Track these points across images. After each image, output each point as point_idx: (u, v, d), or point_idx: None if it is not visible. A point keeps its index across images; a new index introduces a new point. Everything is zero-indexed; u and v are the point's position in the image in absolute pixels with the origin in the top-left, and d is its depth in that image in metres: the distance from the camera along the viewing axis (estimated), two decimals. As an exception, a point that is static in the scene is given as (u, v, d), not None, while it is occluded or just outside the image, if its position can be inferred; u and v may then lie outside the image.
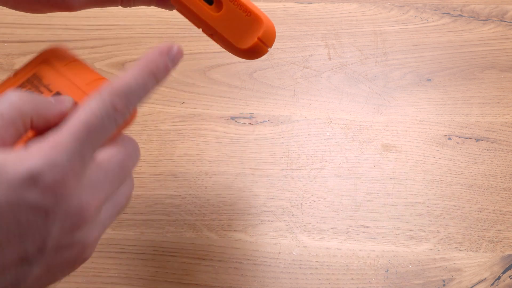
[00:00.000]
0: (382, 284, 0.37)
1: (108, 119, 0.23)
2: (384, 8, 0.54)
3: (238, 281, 0.37)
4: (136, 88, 0.25)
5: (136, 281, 0.38)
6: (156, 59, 0.26)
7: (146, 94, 0.25)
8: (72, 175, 0.22)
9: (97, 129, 0.23)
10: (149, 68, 0.25)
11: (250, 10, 0.29)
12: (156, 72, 0.26)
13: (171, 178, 0.43)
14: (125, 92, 0.24)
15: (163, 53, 0.26)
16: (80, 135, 0.22)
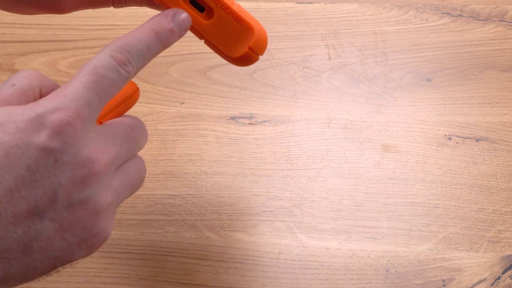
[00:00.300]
0: (382, 284, 0.37)
1: (112, 71, 0.24)
2: (384, 8, 0.54)
3: (238, 281, 0.37)
4: (137, 43, 0.25)
5: (136, 281, 0.38)
6: (160, 20, 0.26)
7: (150, 53, 0.26)
8: (79, 120, 0.22)
9: (103, 79, 0.23)
10: (151, 27, 0.26)
11: (241, 19, 0.29)
12: (159, 32, 0.26)
13: (171, 178, 0.43)
14: (126, 47, 0.25)
15: (168, 15, 0.27)
16: (87, 83, 0.23)
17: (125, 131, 0.25)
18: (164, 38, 0.26)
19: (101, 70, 0.23)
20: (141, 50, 0.25)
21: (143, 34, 0.25)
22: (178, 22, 0.27)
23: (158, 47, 0.26)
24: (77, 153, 0.22)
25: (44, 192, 0.21)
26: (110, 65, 0.24)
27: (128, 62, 0.24)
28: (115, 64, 0.24)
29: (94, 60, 0.24)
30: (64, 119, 0.21)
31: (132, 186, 0.26)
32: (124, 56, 0.24)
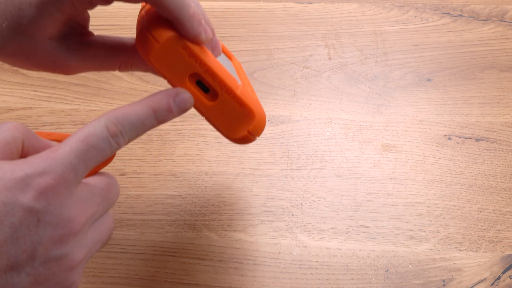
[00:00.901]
0: (382, 284, 0.37)
1: (103, 141, 0.25)
2: (384, 8, 0.54)
3: (238, 281, 0.37)
4: (134, 119, 0.26)
5: (136, 281, 0.38)
6: (160, 98, 0.27)
7: (144, 127, 0.26)
8: (64, 185, 0.23)
9: (93, 148, 0.24)
10: (150, 105, 0.27)
11: (244, 103, 0.29)
12: (157, 110, 0.27)
13: (171, 178, 0.43)
14: (121, 119, 0.25)
15: (169, 95, 0.27)
16: (77, 150, 0.24)
17: (102, 190, 0.26)
18: (160, 116, 0.27)
19: (93, 139, 0.24)
20: (135, 125, 0.26)
21: (141, 109, 0.26)
22: (179, 103, 0.28)
23: (153, 123, 0.27)
24: (59, 214, 0.23)
25: (25, 249, 0.22)
26: (102, 135, 0.25)
27: (120, 135, 0.25)
28: (108, 135, 0.25)
29: (88, 127, 0.25)
30: (50, 183, 0.22)
31: (102, 241, 0.27)
32: (118, 128, 0.25)
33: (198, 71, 0.28)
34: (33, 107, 0.47)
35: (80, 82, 0.50)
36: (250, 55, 0.51)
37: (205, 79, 0.28)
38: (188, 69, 0.28)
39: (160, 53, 0.27)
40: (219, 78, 0.28)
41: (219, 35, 0.52)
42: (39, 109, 0.47)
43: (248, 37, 0.52)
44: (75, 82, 0.50)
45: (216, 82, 0.29)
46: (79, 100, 0.48)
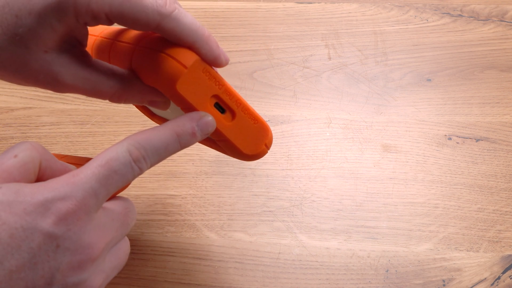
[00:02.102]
0: (382, 284, 0.37)
1: (125, 166, 0.24)
2: (384, 8, 0.54)
3: (238, 281, 0.37)
4: (157, 143, 0.25)
5: (136, 281, 0.38)
6: (184, 123, 0.27)
7: (167, 152, 0.26)
8: (85, 211, 0.23)
9: (115, 174, 0.24)
10: (174, 129, 0.26)
11: (258, 119, 0.30)
12: (181, 134, 0.26)
13: (171, 178, 0.43)
14: (144, 144, 0.25)
15: (193, 119, 0.27)
16: (98, 175, 0.23)
17: (121, 215, 0.26)
18: (184, 140, 0.27)
19: (115, 164, 0.24)
20: (159, 149, 0.26)
21: (165, 133, 0.26)
22: (202, 126, 0.27)
23: (176, 148, 0.26)
24: (78, 240, 0.22)
25: (42, 275, 0.22)
26: (125, 160, 0.24)
27: (143, 159, 0.25)
28: (130, 160, 0.24)
29: (110, 151, 0.24)
30: (71, 208, 0.22)
31: (119, 267, 0.26)
32: (141, 153, 0.25)
33: (217, 93, 0.28)
34: (33, 107, 0.47)
35: (80, 82, 0.50)
36: (250, 55, 0.51)
37: (223, 99, 0.28)
38: (209, 92, 0.27)
39: (187, 78, 0.26)
40: (236, 97, 0.28)
41: (219, 35, 0.52)
42: (39, 109, 0.47)
43: (248, 37, 0.52)
44: (75, 82, 0.50)
45: (233, 101, 0.28)
46: (79, 100, 0.48)
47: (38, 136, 0.45)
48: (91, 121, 0.46)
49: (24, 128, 0.46)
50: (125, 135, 0.45)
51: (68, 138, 0.45)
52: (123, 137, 0.45)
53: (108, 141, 0.45)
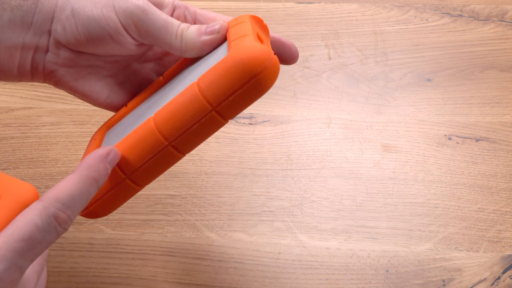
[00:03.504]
0: (382, 284, 0.37)
1: (49, 232, 0.23)
2: (384, 8, 0.54)
3: (238, 281, 0.37)
4: (80, 197, 0.24)
5: (136, 281, 0.38)
6: (97, 165, 0.26)
7: (88, 200, 0.25)
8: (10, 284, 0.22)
9: (39, 244, 0.23)
10: (90, 175, 0.25)
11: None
12: (99, 179, 0.26)
13: (171, 178, 0.43)
14: (69, 203, 0.24)
15: (103, 158, 0.26)
16: (21, 250, 0.22)
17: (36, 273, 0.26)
18: (101, 181, 0.26)
19: (39, 235, 0.23)
20: (84, 202, 0.25)
21: (85, 184, 0.25)
22: (112, 161, 0.27)
23: (95, 191, 0.26)
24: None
25: None
26: (50, 227, 0.23)
27: (69, 220, 0.24)
28: (55, 224, 0.23)
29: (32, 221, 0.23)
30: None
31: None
32: (67, 214, 0.24)
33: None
34: (33, 107, 0.47)
35: (80, 82, 0.50)
36: (250, 55, 0.51)
37: None
38: None
39: None
40: None
41: (219, 35, 0.52)
42: (39, 109, 0.47)
43: (248, 37, 0.52)
44: (75, 82, 0.50)
45: None
46: (79, 100, 0.48)
47: (38, 136, 0.45)
48: (91, 121, 0.46)
49: (24, 128, 0.46)
50: (125, 135, 0.45)
51: (68, 138, 0.45)
52: (123, 137, 0.45)
53: (108, 141, 0.45)
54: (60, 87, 0.31)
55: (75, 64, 0.31)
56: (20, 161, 0.44)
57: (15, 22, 0.28)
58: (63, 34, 0.29)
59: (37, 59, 0.30)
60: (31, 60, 0.30)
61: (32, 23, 0.29)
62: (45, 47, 0.30)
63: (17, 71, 0.30)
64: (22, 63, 0.30)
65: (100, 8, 0.28)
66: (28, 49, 0.29)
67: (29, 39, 0.29)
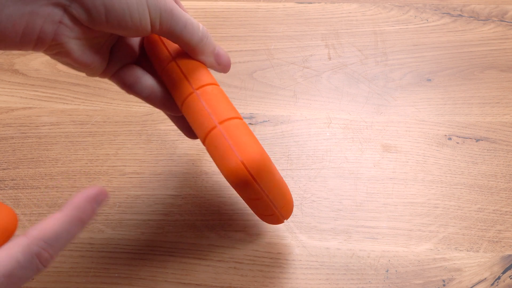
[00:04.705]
0: (382, 284, 0.37)
1: (30, 269, 0.23)
2: (384, 8, 0.54)
3: (238, 281, 0.37)
4: (65, 236, 0.25)
5: (136, 281, 0.38)
6: (84, 206, 0.26)
7: (72, 239, 0.26)
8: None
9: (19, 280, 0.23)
10: (77, 215, 0.26)
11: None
12: (85, 220, 0.26)
13: (171, 178, 0.43)
14: (52, 242, 0.24)
15: (92, 200, 0.27)
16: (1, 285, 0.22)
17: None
18: (87, 221, 0.26)
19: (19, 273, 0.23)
20: (68, 241, 0.25)
21: (71, 225, 0.25)
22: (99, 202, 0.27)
23: (81, 230, 0.26)
24: None
25: None
26: (31, 265, 0.23)
27: (50, 258, 0.24)
28: (37, 262, 0.23)
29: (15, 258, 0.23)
30: None
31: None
32: (49, 253, 0.24)
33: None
34: (33, 107, 0.47)
35: (80, 82, 0.50)
36: (250, 55, 0.51)
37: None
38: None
39: None
40: None
41: (219, 35, 0.52)
42: (39, 109, 0.47)
43: (248, 37, 0.52)
44: (75, 82, 0.50)
45: None
46: (79, 100, 0.48)
47: (38, 136, 0.45)
48: (91, 121, 0.46)
49: (24, 128, 0.46)
50: (125, 135, 0.45)
51: (68, 138, 0.45)
52: (122, 137, 0.45)
53: (108, 141, 0.45)
54: (61, 56, 0.31)
55: (85, 37, 0.30)
56: (20, 161, 0.44)
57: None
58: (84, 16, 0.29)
59: (46, 29, 0.28)
60: (39, 29, 0.28)
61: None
62: (58, 19, 0.29)
63: (20, 40, 0.28)
64: (28, 32, 0.28)
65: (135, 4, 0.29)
66: (37, 19, 0.28)
67: (39, 8, 0.28)
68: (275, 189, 0.31)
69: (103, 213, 0.41)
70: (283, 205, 0.33)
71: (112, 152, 0.44)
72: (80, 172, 0.43)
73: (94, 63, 0.32)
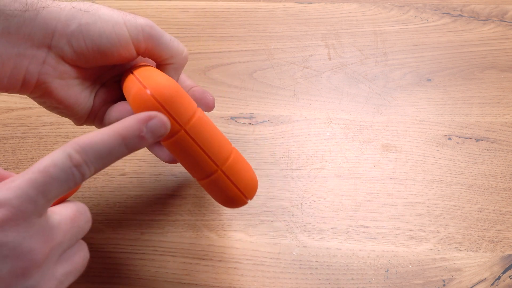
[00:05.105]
0: (382, 284, 0.37)
1: (64, 172, 0.23)
2: (384, 8, 0.54)
3: (238, 281, 0.37)
4: (100, 147, 0.24)
5: (136, 281, 0.38)
6: (130, 125, 0.25)
7: (111, 157, 0.25)
8: (21, 217, 0.22)
9: (52, 180, 0.23)
10: (120, 132, 0.25)
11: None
12: (127, 138, 0.25)
13: (171, 178, 0.43)
14: (86, 148, 0.24)
15: (141, 120, 0.26)
16: (35, 181, 0.22)
17: (68, 217, 0.25)
18: (131, 144, 0.25)
19: (53, 170, 0.23)
20: (102, 153, 0.24)
21: (109, 137, 0.24)
22: (152, 128, 0.26)
23: (123, 152, 0.25)
24: (18, 247, 0.22)
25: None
26: (64, 165, 0.23)
27: (84, 164, 0.24)
28: (71, 165, 0.23)
29: (51, 156, 0.23)
30: (6, 215, 0.21)
31: (75, 272, 0.26)
32: (82, 158, 0.23)
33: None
34: (33, 107, 0.47)
35: (80, 82, 0.50)
36: (250, 55, 0.51)
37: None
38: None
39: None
40: None
41: (219, 35, 0.52)
42: (39, 109, 0.47)
43: (248, 37, 0.52)
44: (75, 82, 0.50)
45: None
46: (79, 100, 0.48)
47: (38, 136, 0.45)
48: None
49: (24, 128, 0.46)
50: (125, 135, 0.45)
51: (68, 138, 0.45)
52: (123, 137, 0.45)
53: (108, 141, 0.45)
54: (46, 98, 0.31)
55: (69, 76, 0.31)
56: (20, 161, 0.44)
57: (9, 31, 0.28)
58: (67, 48, 0.30)
59: (31, 70, 0.30)
60: (25, 70, 0.29)
61: (30, 35, 0.29)
62: (42, 59, 0.30)
63: (7, 80, 0.29)
64: (15, 73, 0.29)
65: (111, 25, 0.30)
66: (23, 60, 0.29)
67: (24, 50, 0.29)
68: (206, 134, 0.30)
69: (103, 213, 0.41)
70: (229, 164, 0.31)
71: (112, 152, 0.44)
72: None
73: (77, 104, 0.32)
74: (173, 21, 0.53)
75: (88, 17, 0.29)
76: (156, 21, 0.53)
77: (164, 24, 0.53)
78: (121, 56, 0.31)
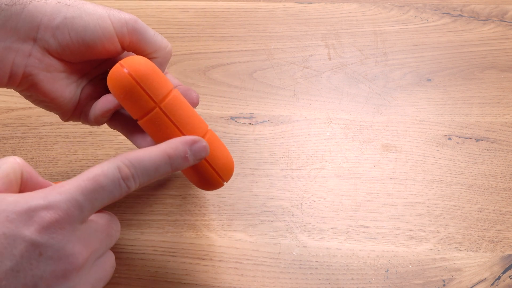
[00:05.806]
0: (382, 284, 0.37)
1: (113, 183, 0.24)
2: (384, 8, 0.54)
3: (238, 281, 0.37)
4: (148, 164, 0.26)
5: (136, 281, 0.38)
6: (177, 145, 0.27)
7: (157, 173, 0.26)
8: (68, 221, 0.23)
9: (101, 189, 0.24)
10: (167, 151, 0.27)
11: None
12: (173, 157, 0.27)
13: (171, 178, 0.43)
14: (135, 163, 0.25)
15: (186, 142, 0.28)
16: (84, 188, 0.24)
17: (104, 227, 0.26)
18: (176, 164, 0.27)
19: (102, 179, 0.24)
20: (149, 170, 0.26)
21: (157, 155, 0.26)
22: (195, 151, 0.28)
23: (167, 170, 0.27)
24: (62, 249, 0.22)
25: (25, 283, 0.22)
26: (113, 176, 0.24)
27: (132, 178, 0.25)
28: (119, 177, 0.25)
29: (101, 166, 0.25)
30: (54, 218, 0.22)
31: (105, 279, 0.27)
32: (130, 171, 0.25)
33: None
34: (33, 107, 0.47)
35: (80, 82, 0.50)
36: (250, 55, 0.51)
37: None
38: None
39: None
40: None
41: (219, 35, 0.52)
42: (39, 109, 0.47)
43: (248, 37, 0.52)
44: (75, 82, 0.50)
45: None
46: (79, 100, 0.48)
47: (38, 136, 0.45)
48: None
49: (24, 128, 0.46)
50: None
51: (68, 138, 0.45)
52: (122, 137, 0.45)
53: (108, 141, 0.45)
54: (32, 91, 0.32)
55: (55, 69, 0.31)
56: (20, 161, 0.44)
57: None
58: (52, 41, 0.30)
59: (18, 62, 0.30)
60: (12, 62, 0.30)
61: (16, 29, 0.29)
62: (28, 52, 0.30)
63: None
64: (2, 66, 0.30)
65: (96, 19, 0.30)
66: (10, 53, 0.30)
67: (11, 43, 0.29)
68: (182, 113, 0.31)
69: (103, 213, 0.41)
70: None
71: (112, 152, 0.44)
72: (80, 172, 0.43)
73: (63, 97, 0.32)
74: (173, 21, 0.53)
75: (73, 11, 0.30)
76: (156, 21, 0.53)
77: (164, 24, 0.53)
78: (106, 49, 0.31)
